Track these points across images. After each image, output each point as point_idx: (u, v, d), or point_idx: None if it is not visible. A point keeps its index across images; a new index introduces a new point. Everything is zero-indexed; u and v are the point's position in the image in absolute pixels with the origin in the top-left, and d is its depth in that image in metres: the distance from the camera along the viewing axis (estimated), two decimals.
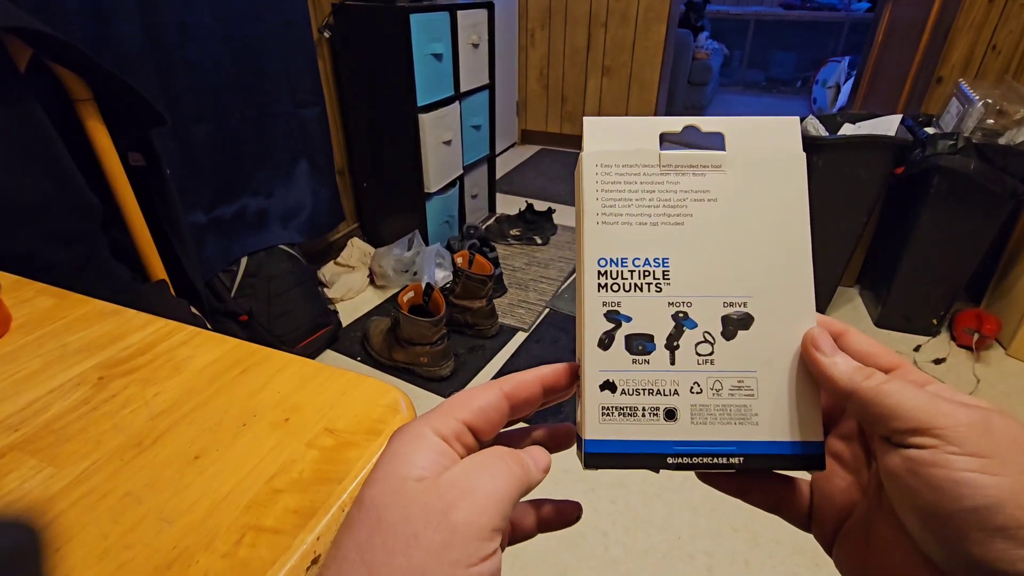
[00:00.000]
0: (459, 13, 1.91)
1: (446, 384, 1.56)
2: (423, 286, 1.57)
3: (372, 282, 2.00)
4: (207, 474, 0.34)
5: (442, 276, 1.90)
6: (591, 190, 0.24)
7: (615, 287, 0.23)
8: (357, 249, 2.08)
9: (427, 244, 2.03)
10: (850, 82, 3.64)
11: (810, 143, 1.58)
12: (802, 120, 1.66)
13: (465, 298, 1.69)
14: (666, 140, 0.24)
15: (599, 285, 0.23)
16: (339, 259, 2.07)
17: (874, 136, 1.53)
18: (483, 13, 2.06)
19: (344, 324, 1.77)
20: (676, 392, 0.23)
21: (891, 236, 1.75)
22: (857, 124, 1.65)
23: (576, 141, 3.52)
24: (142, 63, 1.23)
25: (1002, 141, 1.45)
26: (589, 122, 0.24)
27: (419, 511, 0.18)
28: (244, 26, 1.46)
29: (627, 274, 0.23)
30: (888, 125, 1.57)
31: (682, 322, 0.23)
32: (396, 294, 1.56)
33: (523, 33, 3.32)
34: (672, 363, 0.23)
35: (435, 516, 0.18)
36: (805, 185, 0.24)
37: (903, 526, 0.19)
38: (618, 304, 0.23)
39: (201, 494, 0.32)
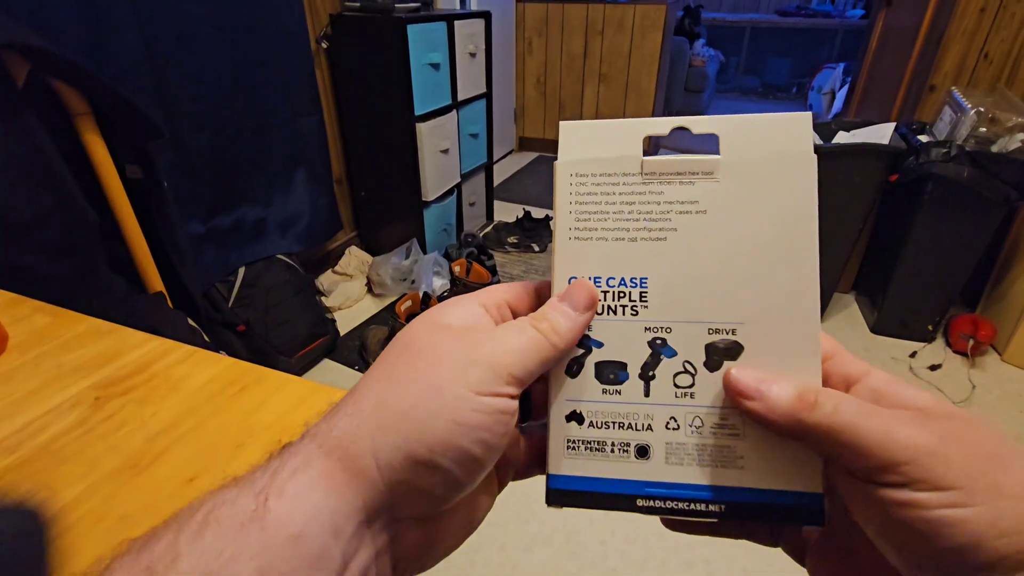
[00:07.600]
0: (456, 23, 1.92)
1: None
2: (421, 295, 1.57)
3: (370, 291, 2.00)
4: None
5: (440, 284, 1.90)
6: (564, 203, 0.22)
7: None
8: (355, 258, 2.09)
9: (425, 252, 2.04)
10: (845, 88, 3.65)
11: None
12: None
13: None
14: (662, 146, 0.22)
15: None
16: (337, 268, 2.07)
17: (868, 144, 1.54)
18: (480, 23, 2.07)
19: (342, 333, 1.77)
20: (650, 427, 0.21)
21: (886, 243, 1.76)
22: (852, 132, 1.66)
23: None
24: (139, 74, 1.23)
25: (995, 149, 1.46)
26: (565, 127, 0.22)
27: (447, 343, 0.20)
28: (242, 36, 1.47)
29: (600, 295, 0.21)
30: (882, 133, 1.58)
31: (659, 349, 0.21)
32: (394, 303, 1.57)
33: (520, 41, 3.34)
34: (647, 395, 0.21)
35: (460, 348, 0.19)
36: (814, 194, 0.20)
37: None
38: (588, 328, 0.21)
39: None
